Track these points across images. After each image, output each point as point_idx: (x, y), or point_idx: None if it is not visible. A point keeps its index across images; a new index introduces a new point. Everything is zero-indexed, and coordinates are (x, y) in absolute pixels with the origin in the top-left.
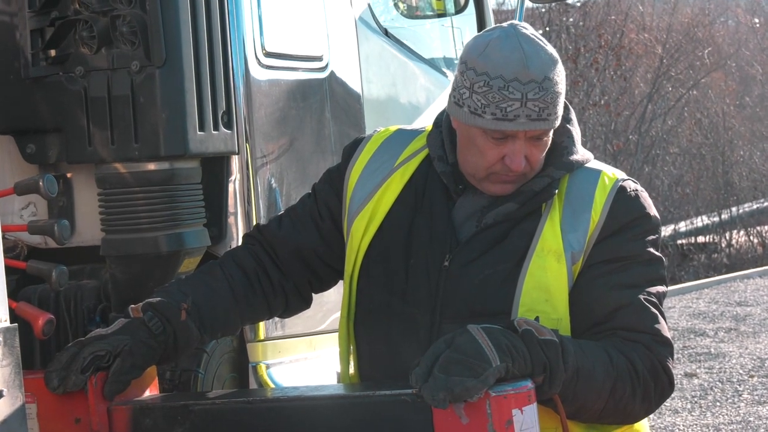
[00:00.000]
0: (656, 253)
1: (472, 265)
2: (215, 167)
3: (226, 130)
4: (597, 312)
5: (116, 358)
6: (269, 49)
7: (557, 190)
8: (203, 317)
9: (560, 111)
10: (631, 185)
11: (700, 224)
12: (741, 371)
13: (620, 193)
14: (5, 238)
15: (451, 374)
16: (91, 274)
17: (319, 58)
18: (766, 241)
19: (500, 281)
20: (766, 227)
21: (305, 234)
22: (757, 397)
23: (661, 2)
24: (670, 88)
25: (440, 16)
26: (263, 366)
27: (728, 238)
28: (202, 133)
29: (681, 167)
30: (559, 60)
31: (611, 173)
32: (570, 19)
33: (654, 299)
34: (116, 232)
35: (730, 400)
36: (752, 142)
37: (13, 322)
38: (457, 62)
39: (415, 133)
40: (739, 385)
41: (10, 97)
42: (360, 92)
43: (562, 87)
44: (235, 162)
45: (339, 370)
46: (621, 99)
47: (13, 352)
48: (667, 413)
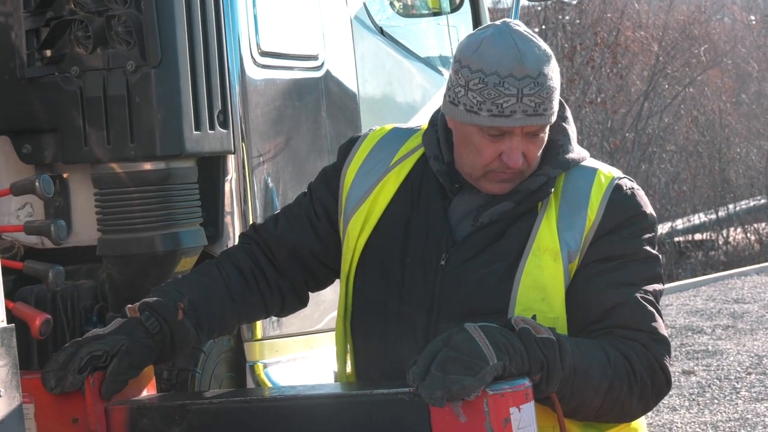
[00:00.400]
0: (652, 251)
1: (468, 264)
2: (211, 167)
3: (222, 130)
4: (594, 310)
5: (113, 358)
6: (265, 48)
7: (553, 189)
8: (200, 317)
9: (556, 106)
10: (627, 183)
11: (697, 222)
12: (738, 368)
13: (616, 191)
14: (2, 239)
15: (449, 372)
16: (88, 274)
17: (315, 57)
18: (763, 238)
19: (497, 280)
20: (763, 224)
21: (301, 233)
22: (754, 394)
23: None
24: (667, 86)
25: (436, 14)
26: (260, 365)
27: (725, 235)
28: (198, 132)
29: (678, 165)
30: (553, 56)
31: (607, 171)
32: (566, 17)
33: (651, 297)
34: (113, 232)
35: (727, 398)
36: (749, 140)
37: (10, 322)
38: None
39: (411, 131)
40: (737, 382)
41: (6, 97)
42: (356, 91)
43: (557, 82)
44: (231, 161)
45: (336, 369)
46: (617, 97)
47: (11, 352)
48: (665, 411)
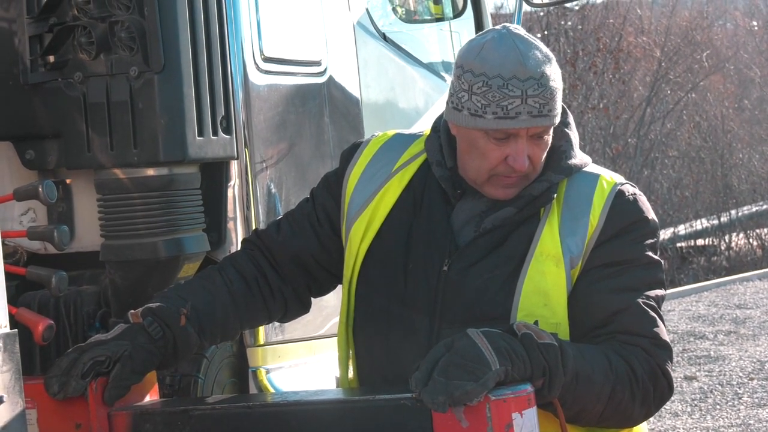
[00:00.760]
0: (654, 256)
1: (470, 270)
2: (214, 172)
3: (225, 136)
4: (596, 316)
5: (116, 364)
6: (268, 54)
7: (555, 195)
8: (203, 322)
9: (559, 107)
10: (630, 189)
11: (700, 227)
12: (741, 374)
13: (618, 197)
14: (5, 244)
15: (451, 378)
16: (91, 279)
17: (318, 63)
18: (766, 243)
19: (499, 286)
20: (766, 230)
21: (303, 239)
22: (756, 400)
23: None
24: (669, 92)
25: (438, 20)
26: (263, 371)
27: (727, 241)
28: (201, 138)
29: (680, 170)
30: (554, 58)
31: (609, 177)
32: (568, 22)
33: (653, 303)
34: (115, 237)
35: (729, 403)
36: (751, 145)
37: (13, 327)
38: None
39: (413, 137)
40: (739, 387)
41: (9, 103)
42: (359, 97)
43: (559, 83)
44: (234, 167)
45: (338, 375)
46: (620, 102)
47: (14, 357)
48: (667, 416)
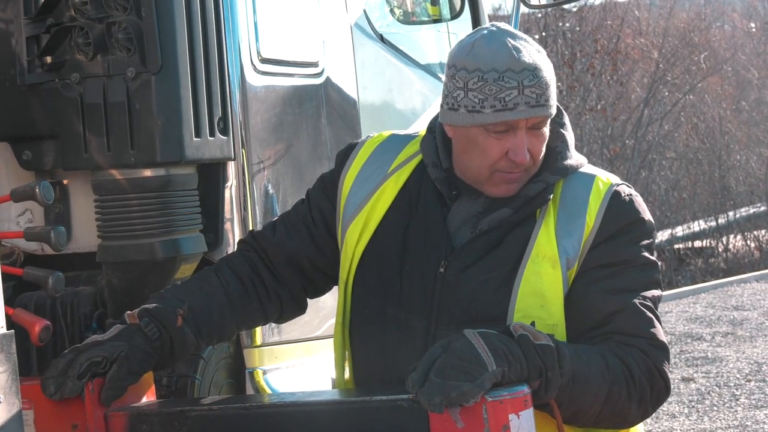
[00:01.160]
0: (651, 257)
1: (467, 272)
2: (211, 173)
3: (222, 137)
4: (592, 317)
5: (113, 365)
6: (265, 55)
7: (551, 196)
8: (199, 323)
9: (554, 98)
10: (626, 190)
11: (697, 229)
12: (738, 375)
13: (614, 198)
14: (2, 245)
15: (448, 378)
16: (88, 280)
17: (315, 64)
18: (763, 245)
19: (495, 287)
20: (763, 231)
21: (299, 241)
22: (754, 401)
23: (657, 7)
24: (667, 93)
25: (436, 21)
26: (260, 372)
27: (725, 242)
28: (198, 139)
29: (678, 172)
30: (544, 51)
31: (605, 178)
32: (566, 24)
33: (649, 303)
34: (113, 238)
35: (727, 405)
36: (749, 147)
37: (9, 328)
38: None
39: (408, 138)
40: (736, 389)
41: (6, 103)
42: (356, 98)
43: (552, 74)
44: (231, 168)
45: (334, 377)
46: (617, 104)
47: (10, 358)
48: (665, 418)
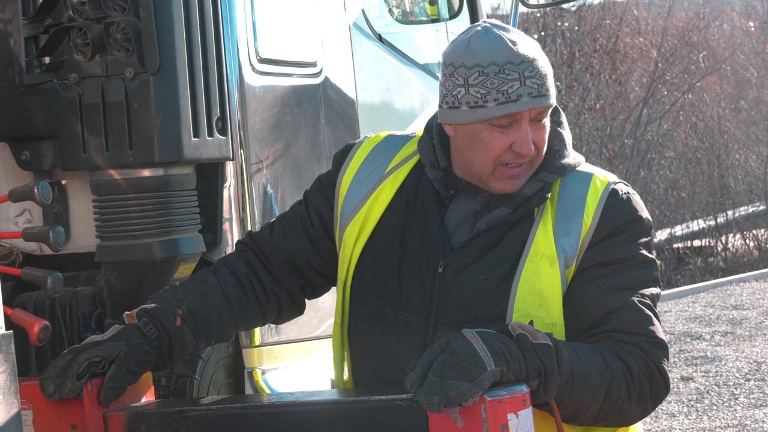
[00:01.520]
0: (649, 255)
1: (466, 271)
2: (210, 173)
3: (220, 136)
4: (591, 315)
5: (111, 365)
6: (263, 55)
7: (549, 194)
8: (198, 323)
9: (554, 89)
10: (623, 188)
11: (696, 228)
12: (737, 375)
13: (612, 196)
14: (0, 245)
15: (446, 378)
16: (86, 280)
17: (314, 64)
18: (762, 244)
19: (494, 287)
20: (762, 231)
21: (296, 242)
22: (753, 401)
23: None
24: (666, 92)
25: (434, 21)
26: (259, 372)
27: (724, 241)
28: (197, 139)
29: (676, 171)
30: (538, 44)
31: (603, 176)
32: (565, 23)
33: (648, 301)
34: (111, 238)
35: (726, 404)
36: (747, 146)
37: (8, 328)
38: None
39: (405, 138)
40: (736, 388)
41: (5, 104)
42: (354, 98)
43: (549, 65)
44: (229, 168)
45: (333, 377)
46: (616, 103)
47: (9, 358)
48: (664, 417)
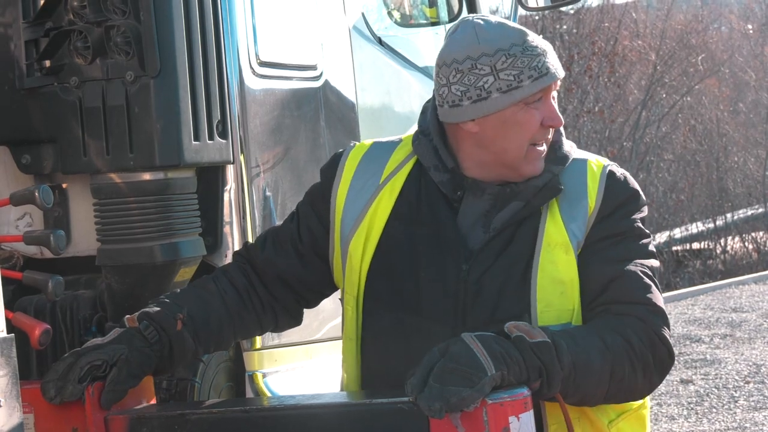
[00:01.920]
0: (645, 230)
1: (488, 273)
2: (210, 177)
3: (221, 140)
4: (592, 287)
5: (113, 368)
6: (263, 58)
7: (562, 186)
8: (198, 329)
9: None
10: (618, 169)
11: (695, 231)
12: (737, 377)
13: (610, 177)
14: (1, 249)
15: (447, 384)
16: (87, 284)
17: (314, 67)
18: (761, 247)
19: (516, 284)
20: (761, 233)
21: (286, 259)
22: (753, 403)
23: (654, 9)
24: (664, 95)
25: (434, 24)
26: (260, 375)
27: (723, 244)
28: (197, 142)
29: (675, 174)
30: None
31: (596, 160)
32: (563, 26)
33: (647, 271)
34: (112, 242)
35: (726, 406)
36: (746, 148)
37: (9, 332)
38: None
39: (393, 144)
40: (735, 391)
41: (5, 107)
42: (354, 101)
43: None
44: (230, 171)
45: (339, 384)
46: (615, 106)
47: (10, 362)
48: (664, 419)
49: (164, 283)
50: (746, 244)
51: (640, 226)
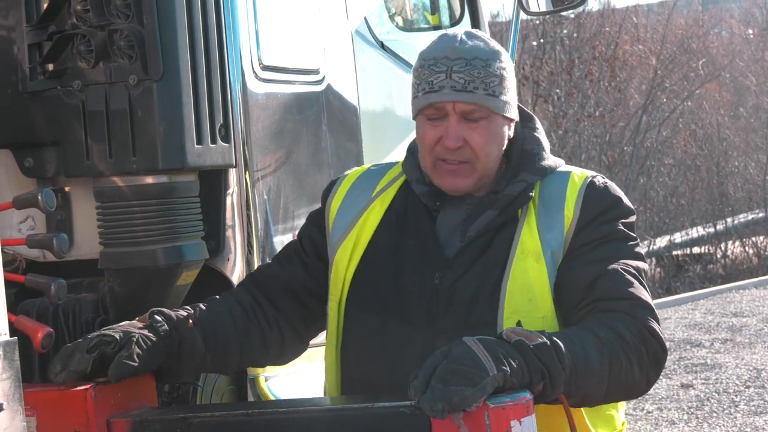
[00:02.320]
0: (630, 233)
1: (461, 280)
2: (213, 180)
3: (223, 144)
4: (577, 291)
5: (122, 349)
6: (266, 62)
7: (533, 194)
8: (206, 335)
9: (498, 92)
10: (600, 179)
11: (696, 235)
12: (737, 382)
13: (590, 187)
14: (4, 252)
15: (449, 384)
16: (90, 287)
17: (316, 71)
18: (761, 251)
19: (489, 291)
20: (761, 238)
21: (291, 270)
22: (753, 408)
23: (655, 13)
24: (665, 99)
25: (436, 28)
26: (262, 378)
27: (723, 248)
28: (200, 146)
29: (676, 178)
30: (504, 54)
31: (580, 172)
32: (564, 30)
33: (631, 269)
34: (115, 245)
35: (726, 411)
36: (747, 153)
37: (12, 335)
38: None
39: (388, 166)
40: (736, 395)
41: (8, 111)
42: (356, 105)
43: (499, 72)
44: (232, 175)
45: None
46: (616, 110)
47: (13, 365)
48: (664, 424)
49: (167, 287)
50: (747, 248)
51: (624, 230)
